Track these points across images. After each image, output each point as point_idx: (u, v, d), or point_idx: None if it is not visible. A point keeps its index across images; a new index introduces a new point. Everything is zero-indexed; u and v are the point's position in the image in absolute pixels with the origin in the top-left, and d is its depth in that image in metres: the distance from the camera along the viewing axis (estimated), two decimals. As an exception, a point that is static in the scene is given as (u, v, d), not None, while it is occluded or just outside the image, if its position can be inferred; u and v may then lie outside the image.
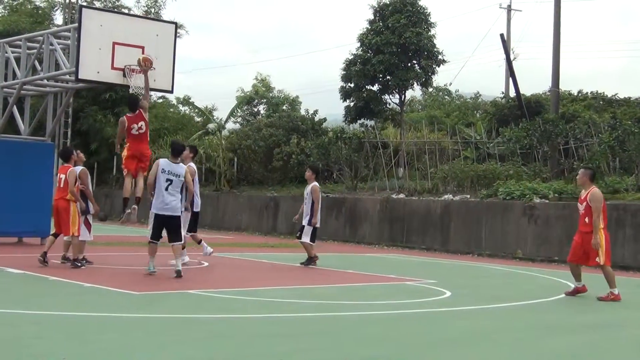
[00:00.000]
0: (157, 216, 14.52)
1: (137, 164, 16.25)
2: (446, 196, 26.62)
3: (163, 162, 14.52)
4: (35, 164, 20.84)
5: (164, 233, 14.76)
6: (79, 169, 15.86)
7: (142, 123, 16.36)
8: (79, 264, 15.17)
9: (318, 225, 18.15)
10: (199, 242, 17.28)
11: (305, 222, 18.10)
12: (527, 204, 23.31)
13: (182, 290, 12.66)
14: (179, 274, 14.18)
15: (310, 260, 17.92)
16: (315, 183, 18.40)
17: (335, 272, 17.37)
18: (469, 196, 26.12)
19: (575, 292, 13.97)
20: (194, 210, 16.44)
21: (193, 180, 15.46)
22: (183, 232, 15.37)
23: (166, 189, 14.30)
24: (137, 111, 16.36)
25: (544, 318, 11.62)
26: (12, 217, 20.23)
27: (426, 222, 26.04)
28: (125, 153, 16.27)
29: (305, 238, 17.91)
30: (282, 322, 10.24)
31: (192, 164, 16.33)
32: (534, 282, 16.79)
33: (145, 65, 17.46)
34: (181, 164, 14.87)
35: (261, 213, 32.39)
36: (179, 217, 14.64)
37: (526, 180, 25.48)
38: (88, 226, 15.80)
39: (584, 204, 13.77)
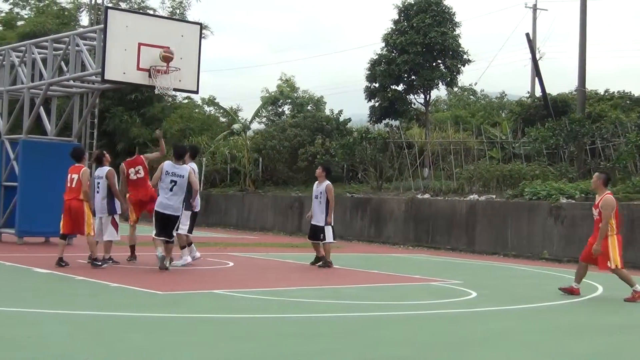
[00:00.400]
0: (157, 213, 15.14)
1: (140, 210, 16.90)
2: (472, 196, 26.52)
3: (167, 165, 15.17)
4: (62, 164, 20.88)
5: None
6: (107, 169, 15.97)
7: (139, 167, 16.69)
8: (99, 263, 15.22)
9: (332, 223, 17.99)
10: (189, 244, 16.62)
11: (319, 222, 17.81)
12: (554, 204, 23.17)
13: (206, 290, 12.69)
14: (163, 268, 15.02)
15: (326, 263, 17.65)
16: (329, 183, 18.18)
17: (360, 272, 17.36)
18: (494, 196, 26.01)
19: (569, 291, 13.86)
20: (194, 210, 16.36)
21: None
22: (184, 230, 15.76)
23: (171, 190, 14.98)
24: (136, 155, 16.86)
25: (570, 319, 11.55)
26: (39, 217, 20.36)
27: (451, 222, 25.95)
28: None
29: (330, 238, 17.77)
30: (307, 322, 10.24)
31: (193, 164, 16.40)
32: (561, 283, 16.67)
33: (165, 60, 17.67)
34: (185, 165, 15.35)
35: (286, 213, 32.41)
36: (178, 217, 15.19)
37: (552, 180, 25.32)
38: (115, 226, 15.92)
39: (598, 209, 13.66)
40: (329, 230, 17.72)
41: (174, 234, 15.38)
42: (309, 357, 7.89)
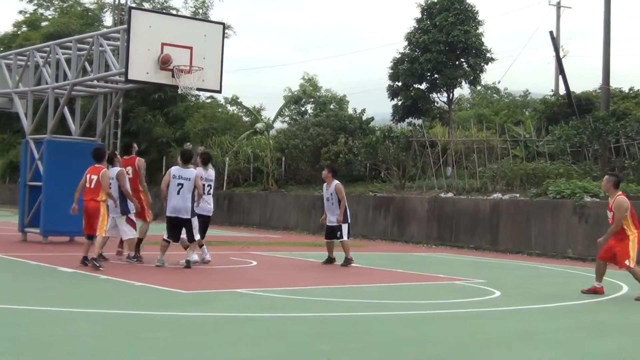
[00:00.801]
0: (168, 218, 15.61)
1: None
2: (495, 195, 26.43)
3: (174, 169, 15.63)
4: (86, 164, 20.96)
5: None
6: (117, 170, 16.01)
7: (129, 168, 16.72)
8: (97, 264, 14.75)
9: (349, 221, 18.05)
10: (200, 246, 16.45)
11: (333, 222, 17.85)
12: (578, 202, 23.05)
13: (231, 289, 12.73)
14: (188, 264, 15.38)
15: (348, 261, 17.67)
16: (338, 182, 18.08)
17: (383, 271, 17.35)
18: (518, 195, 25.91)
19: (592, 291, 13.80)
20: (205, 214, 16.33)
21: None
22: (197, 234, 15.74)
23: (178, 193, 15.37)
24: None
25: (595, 318, 11.49)
26: (64, 216, 20.43)
27: (475, 221, 25.87)
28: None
29: (346, 236, 17.78)
30: (331, 321, 10.25)
31: (211, 170, 16.69)
32: (585, 282, 16.59)
33: (163, 63, 17.80)
34: (191, 168, 15.70)
35: (309, 212, 32.40)
36: (189, 219, 15.46)
37: (576, 178, 25.19)
38: (132, 224, 15.99)
39: (612, 212, 13.62)
40: (345, 228, 17.81)
41: (195, 239, 15.53)
42: (334, 356, 7.88)
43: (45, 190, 20.54)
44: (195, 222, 15.62)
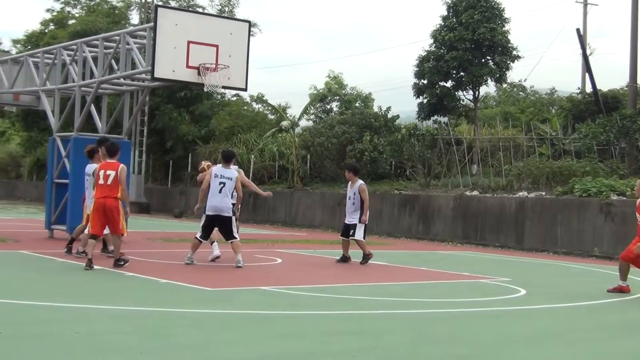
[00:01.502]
0: (207, 216, 15.64)
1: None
2: (521, 193, 26.32)
3: (216, 169, 15.75)
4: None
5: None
6: (95, 166, 15.86)
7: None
8: (122, 263, 14.64)
9: (367, 222, 17.93)
10: (211, 243, 16.53)
11: (352, 220, 17.82)
12: (604, 201, 22.91)
13: (255, 287, 12.75)
14: (238, 264, 15.38)
15: (366, 257, 17.62)
16: (362, 182, 18.09)
17: (408, 269, 17.33)
18: (544, 193, 25.79)
19: (618, 290, 13.75)
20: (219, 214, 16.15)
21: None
22: (236, 233, 15.77)
23: (220, 192, 15.48)
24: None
25: (620, 318, 11.43)
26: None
27: (500, 219, 25.78)
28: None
29: (359, 235, 17.70)
30: (355, 319, 10.25)
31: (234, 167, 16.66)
32: (611, 281, 16.49)
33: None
34: (232, 169, 15.86)
35: (334, 210, 32.40)
36: (230, 217, 15.57)
37: (603, 177, 25.04)
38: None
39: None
40: (360, 228, 17.73)
41: (235, 235, 15.59)
42: (359, 354, 7.89)
43: (72, 188, 20.65)
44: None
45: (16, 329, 8.48)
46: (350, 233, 17.76)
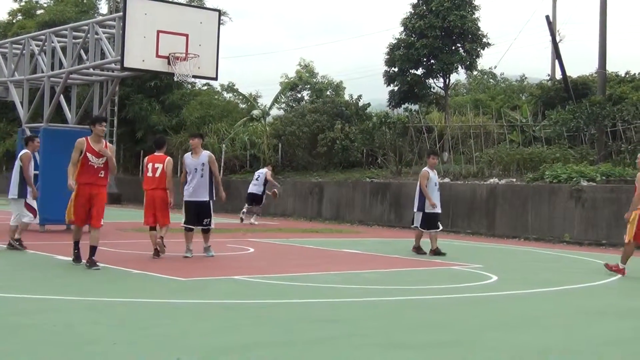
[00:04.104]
0: (187, 202, 15.35)
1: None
2: (492, 180, 26.46)
3: (187, 157, 15.37)
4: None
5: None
6: (25, 152, 16.29)
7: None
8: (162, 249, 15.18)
9: (428, 210, 17.72)
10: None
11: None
12: (574, 187, 23.08)
13: (229, 277, 12.73)
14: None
15: (416, 250, 17.61)
16: (425, 168, 18.10)
17: (381, 257, 17.36)
18: (514, 180, 25.94)
19: (614, 269, 14.31)
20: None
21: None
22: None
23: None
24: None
25: (592, 303, 11.52)
26: (61, 205, 20.44)
27: (472, 206, 25.89)
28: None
29: (417, 223, 17.79)
30: (330, 307, 10.25)
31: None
32: (582, 266, 16.65)
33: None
34: (203, 154, 15.31)
35: (306, 199, 32.44)
36: (207, 202, 15.31)
37: (573, 163, 25.23)
38: (30, 209, 16.10)
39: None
40: (418, 216, 17.78)
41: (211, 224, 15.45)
42: (335, 342, 7.90)
43: (42, 179, 20.52)
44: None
45: (-11, 322, 8.43)
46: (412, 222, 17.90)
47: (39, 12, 51.28)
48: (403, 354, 7.44)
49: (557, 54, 33.75)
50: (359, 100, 38.65)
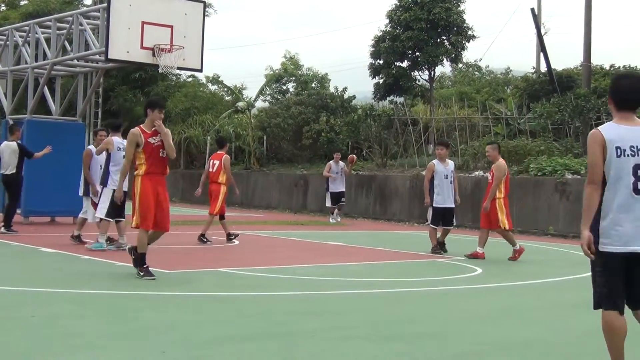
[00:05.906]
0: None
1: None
2: (477, 173, 26.49)
3: (116, 141, 15.50)
4: (66, 144, 20.87)
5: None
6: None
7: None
8: (205, 240, 16.75)
9: (438, 204, 16.76)
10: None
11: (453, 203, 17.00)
12: (559, 180, 23.15)
13: (214, 269, 12.71)
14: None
15: (433, 248, 16.58)
16: (433, 161, 17.11)
17: (366, 249, 17.38)
18: (499, 172, 25.94)
19: (473, 255, 15.50)
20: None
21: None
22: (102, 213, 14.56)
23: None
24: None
25: (576, 295, 11.55)
26: (45, 197, 20.41)
27: (457, 199, 25.86)
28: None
29: (428, 220, 17.03)
30: (314, 299, 10.26)
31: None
32: (566, 259, 16.72)
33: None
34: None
35: (291, 191, 32.42)
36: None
37: (558, 156, 25.29)
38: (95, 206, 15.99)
39: None
40: (429, 212, 16.95)
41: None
42: (322, 334, 7.90)
43: (26, 171, 20.40)
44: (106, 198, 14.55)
45: (-28, 314, 8.38)
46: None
47: (22, 2, 50.89)
48: (390, 347, 7.45)
49: (542, 47, 33.81)
50: (344, 93, 38.62)
